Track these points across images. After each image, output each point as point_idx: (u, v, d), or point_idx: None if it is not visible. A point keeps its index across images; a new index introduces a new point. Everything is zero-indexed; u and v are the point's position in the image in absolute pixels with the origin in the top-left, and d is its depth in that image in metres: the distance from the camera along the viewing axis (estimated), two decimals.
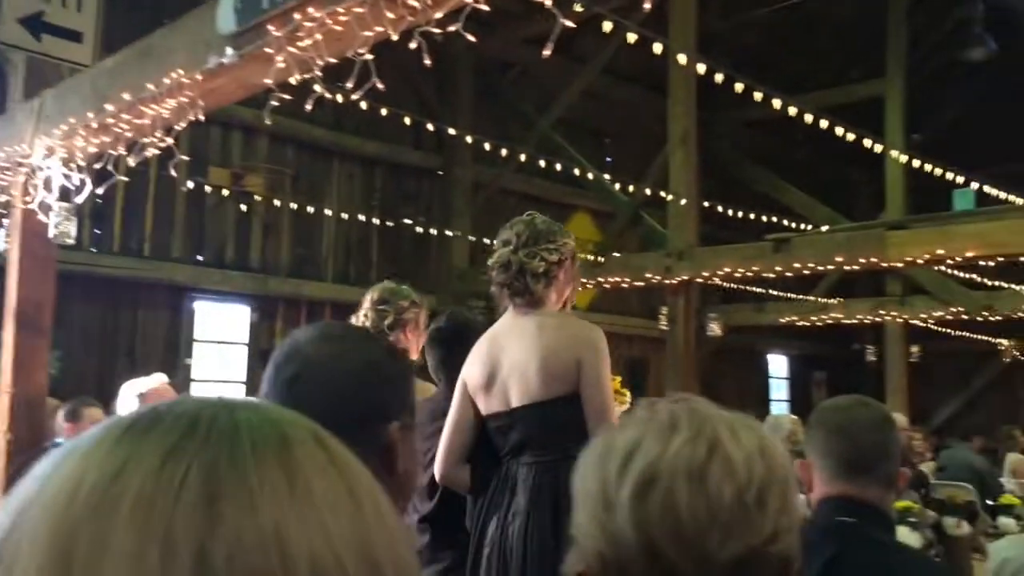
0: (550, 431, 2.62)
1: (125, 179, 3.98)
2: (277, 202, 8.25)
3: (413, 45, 2.78)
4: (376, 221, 8.88)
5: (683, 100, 7.89)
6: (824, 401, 2.13)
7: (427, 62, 2.66)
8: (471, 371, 2.84)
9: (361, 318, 3.39)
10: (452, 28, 2.80)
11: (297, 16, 3.03)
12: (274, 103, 3.53)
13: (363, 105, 4.88)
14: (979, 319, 10.18)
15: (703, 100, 9.17)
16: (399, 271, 9.61)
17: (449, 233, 9.44)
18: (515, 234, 2.93)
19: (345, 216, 8.85)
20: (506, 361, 2.75)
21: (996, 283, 9.99)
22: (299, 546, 0.39)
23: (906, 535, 6.69)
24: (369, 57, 2.97)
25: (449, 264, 9.72)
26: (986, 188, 7.88)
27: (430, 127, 6.88)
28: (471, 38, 2.63)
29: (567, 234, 2.94)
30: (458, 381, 2.88)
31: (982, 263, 7.63)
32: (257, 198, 8.42)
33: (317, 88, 3.89)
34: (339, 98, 4.36)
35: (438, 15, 2.76)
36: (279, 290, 8.68)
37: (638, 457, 0.88)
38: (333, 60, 3.22)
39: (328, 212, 8.57)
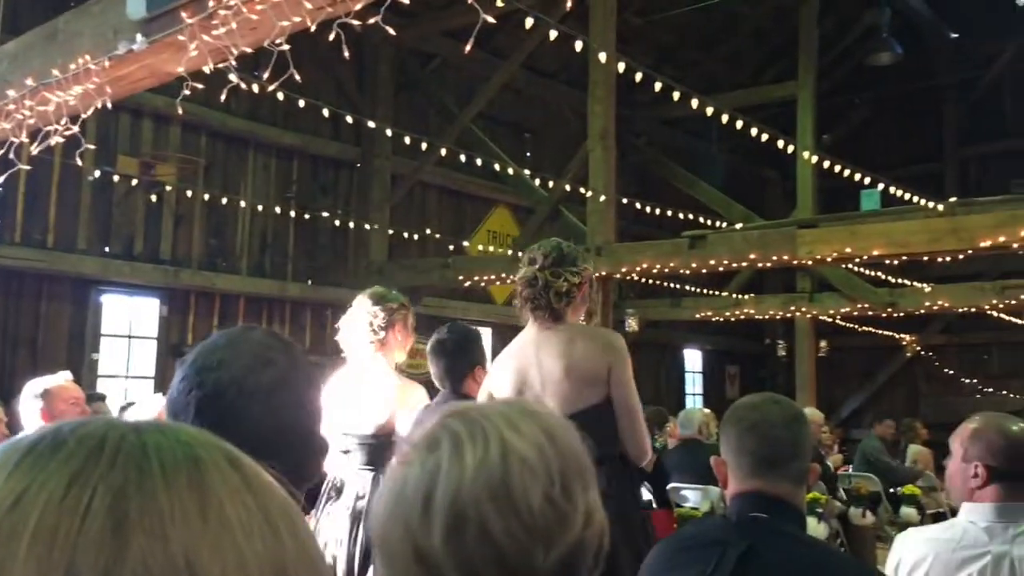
0: (594, 431, 2.62)
1: (27, 167, 3.81)
2: (189, 192, 8.03)
3: (332, 36, 2.73)
4: (292, 213, 8.72)
5: (603, 97, 7.96)
6: (737, 399, 2.17)
7: (346, 54, 2.61)
8: (500, 381, 3.05)
9: (352, 318, 3.57)
10: (372, 20, 2.77)
11: (212, 3, 2.94)
12: (187, 92, 3.44)
13: (280, 96, 4.78)
14: (883, 315, 10.56)
15: (623, 97, 9.27)
16: (316, 264, 9.49)
17: (367, 226, 9.33)
18: (542, 255, 3.11)
19: (260, 208, 8.67)
20: (539, 372, 2.95)
21: (899, 280, 10.38)
22: (211, 573, 0.38)
23: (813, 526, 6.91)
24: (286, 47, 2.91)
25: (367, 258, 9.62)
26: (891, 189, 8.16)
27: (349, 119, 6.77)
28: (390, 30, 2.60)
29: (588, 259, 3.25)
30: (482, 391, 3.10)
31: (886, 261, 7.90)
32: (168, 188, 8.19)
33: (232, 78, 3.79)
34: (255, 88, 4.27)
35: (357, 6, 2.71)
36: (191, 283, 8.46)
37: (437, 495, 0.82)
38: (249, 50, 3.14)
39: (243, 203, 8.38)
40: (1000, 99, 14.21)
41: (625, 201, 9.35)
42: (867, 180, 7.97)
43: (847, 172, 8.77)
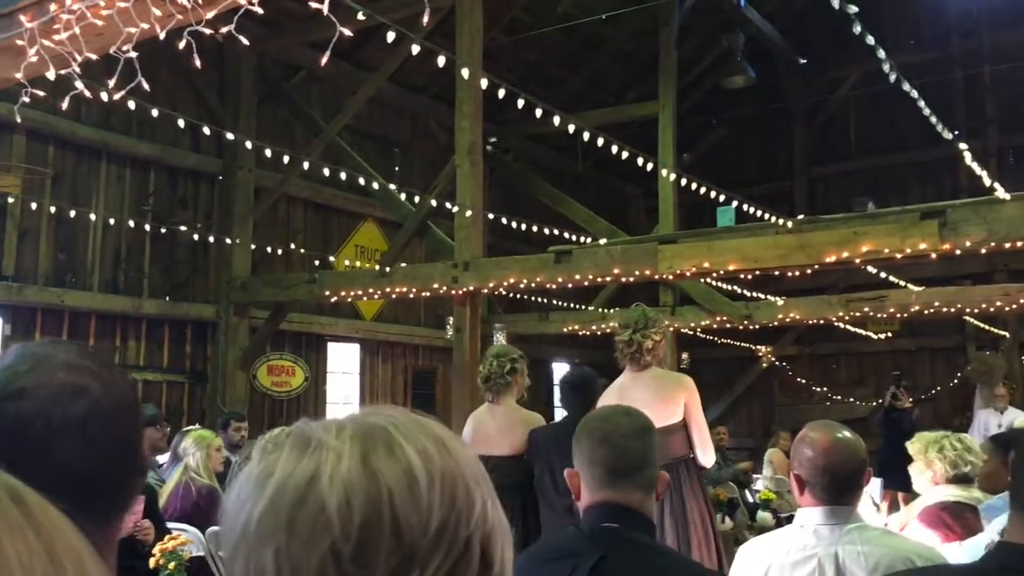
0: (665, 446, 3.75)
1: None
2: (34, 205, 7.59)
3: (183, 45, 2.64)
4: (148, 227, 8.37)
5: (470, 113, 8.00)
6: (588, 412, 2.21)
7: (198, 63, 2.52)
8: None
9: (484, 368, 4.81)
10: (225, 29, 2.69)
11: (53, 7, 2.80)
12: (26, 99, 3.25)
13: (131, 104, 4.59)
14: (740, 327, 11.00)
15: (491, 113, 9.35)
16: (174, 280, 9.14)
17: (229, 240, 9.06)
18: (634, 320, 4.59)
19: (113, 221, 8.29)
20: (633, 402, 3.66)
21: (754, 294, 10.85)
22: None
23: None
24: (134, 55, 2.79)
25: (230, 273, 9.33)
26: (745, 206, 8.52)
27: (207, 130, 6.56)
28: (244, 40, 2.53)
29: (663, 321, 4.69)
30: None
31: (741, 276, 8.23)
32: (11, 200, 7.73)
33: (79, 85, 3.62)
34: (104, 96, 4.09)
35: (209, 15, 2.63)
36: (37, 299, 8.00)
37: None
38: (94, 56, 3.01)
39: (93, 216, 7.99)
40: (845, 122, 15.09)
41: (492, 216, 9.42)
42: (723, 198, 8.30)
43: (705, 190, 9.13)
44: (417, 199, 8.94)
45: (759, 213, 9.26)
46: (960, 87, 13.89)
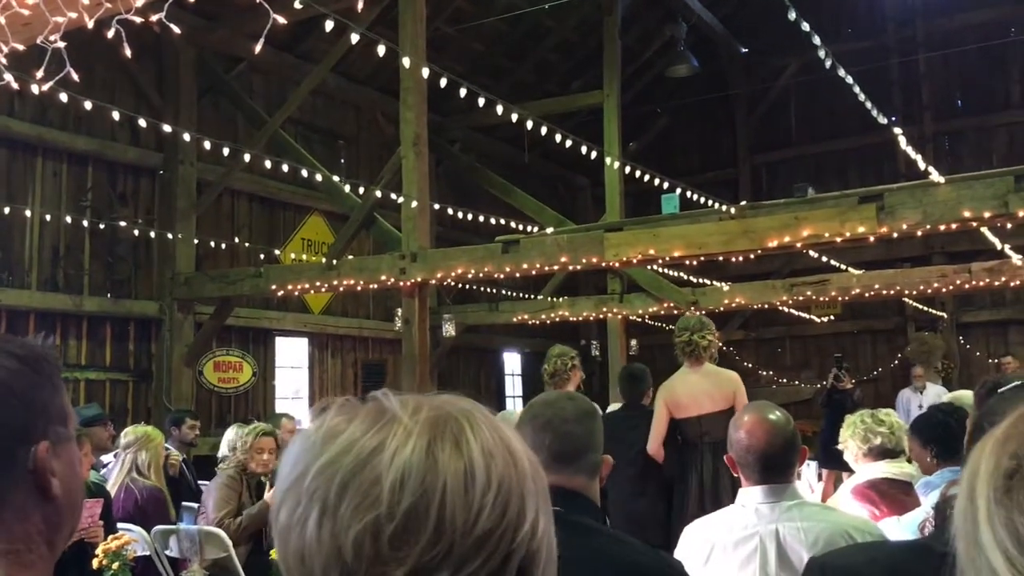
0: (720, 427, 4.57)
1: None
2: None
3: (112, 33, 2.58)
4: (86, 223, 8.19)
5: (415, 104, 7.96)
6: (533, 398, 2.22)
7: (128, 52, 2.47)
8: (670, 396, 5.36)
9: (549, 366, 5.83)
10: (156, 17, 2.63)
11: None
12: None
13: (64, 97, 4.49)
14: (687, 313, 11.11)
15: (436, 104, 9.33)
16: (116, 277, 8.96)
17: (171, 236, 8.91)
18: (692, 324, 5.47)
19: (49, 217, 8.10)
20: (692, 391, 5.29)
21: (701, 280, 10.98)
22: None
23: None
24: (62, 45, 2.73)
25: (173, 269, 9.18)
26: (690, 194, 8.61)
27: (143, 122, 6.44)
28: (176, 29, 2.48)
29: (713, 324, 5.60)
30: (658, 401, 5.41)
31: (687, 262, 8.33)
32: None
33: (7, 77, 3.52)
34: (35, 89, 3.98)
35: (139, 3, 2.58)
36: None
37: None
38: (21, 47, 2.93)
39: (28, 213, 7.80)
40: (787, 110, 15.32)
41: (440, 207, 9.40)
42: (667, 185, 8.38)
43: (650, 178, 9.21)
44: (363, 191, 8.87)
45: (704, 200, 9.38)
46: (896, 74, 14.19)
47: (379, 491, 0.67)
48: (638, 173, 9.34)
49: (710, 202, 9.06)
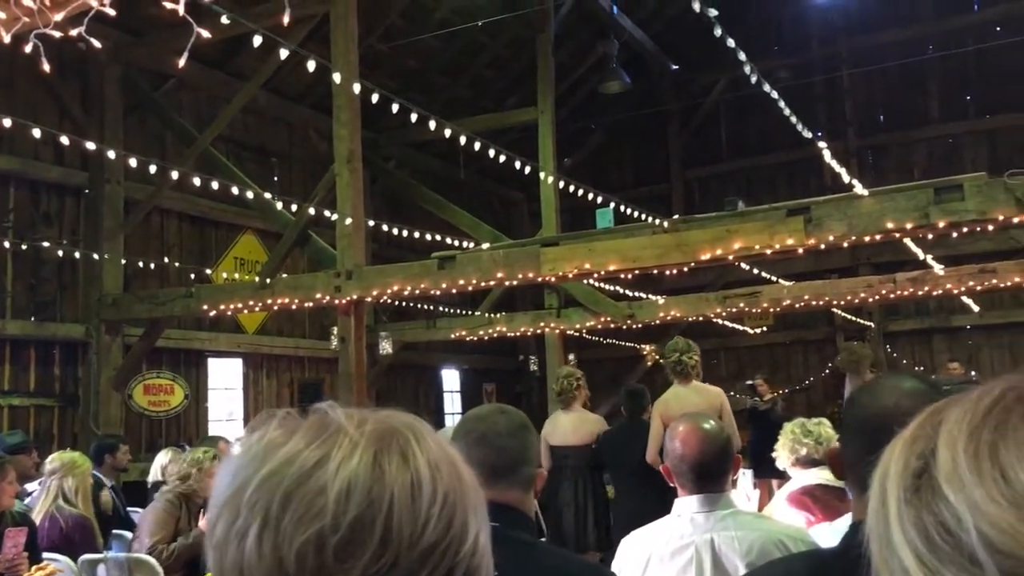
0: None
1: None
2: None
3: (29, 48, 2.51)
4: (7, 244, 7.94)
5: (348, 121, 7.91)
6: (466, 413, 2.21)
7: (47, 67, 2.40)
8: (665, 409, 5.82)
9: (558, 385, 6.76)
10: (76, 31, 2.57)
11: None
12: None
13: None
14: (624, 327, 11.23)
15: (371, 121, 9.27)
16: (40, 299, 8.69)
17: (98, 256, 8.69)
18: (680, 347, 6.10)
19: None
20: (683, 405, 5.52)
21: (636, 294, 11.10)
22: None
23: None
24: None
25: (100, 290, 8.94)
26: (624, 208, 8.70)
27: (67, 140, 6.27)
28: (97, 44, 2.42)
29: (698, 347, 6.19)
30: (654, 415, 5.99)
31: (622, 276, 8.40)
32: None
33: None
34: None
35: (57, 17, 2.51)
36: None
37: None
38: None
39: None
40: (717, 125, 15.63)
41: (375, 225, 9.34)
42: (600, 200, 8.46)
43: (585, 193, 9.29)
44: (297, 209, 8.77)
45: (638, 215, 9.49)
46: (821, 90, 14.59)
47: (324, 502, 0.66)
48: (573, 188, 9.42)
49: (644, 216, 9.17)
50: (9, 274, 8.51)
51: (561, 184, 10.09)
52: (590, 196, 8.53)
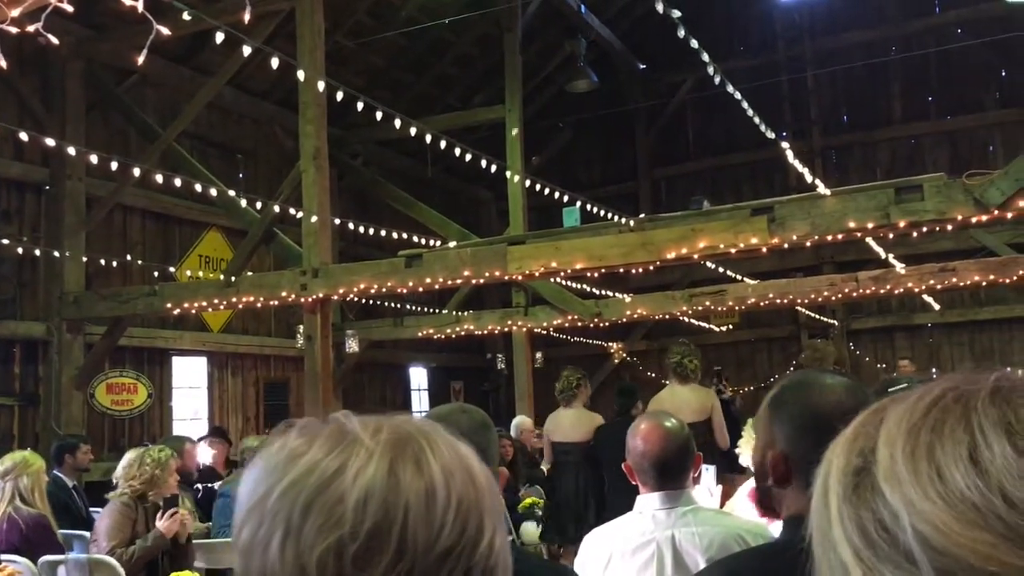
0: (700, 435, 5.57)
1: None
2: None
3: None
4: None
5: (314, 118, 7.86)
6: (429, 412, 2.22)
7: (2, 63, 2.36)
8: (659, 407, 5.94)
9: (560, 384, 7.07)
10: (34, 27, 2.53)
11: None
12: None
13: None
14: (591, 325, 11.28)
15: (337, 118, 9.23)
16: (0, 297, 8.56)
17: (58, 254, 8.56)
18: (681, 350, 6.77)
19: None
20: (677, 404, 6.10)
21: (604, 292, 11.14)
22: None
23: (532, 529, 7.19)
24: None
25: (61, 288, 8.81)
26: (589, 207, 8.73)
27: (26, 136, 6.17)
28: (54, 40, 2.39)
29: (699, 352, 6.91)
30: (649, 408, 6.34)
31: (589, 274, 8.44)
32: None
33: None
34: None
35: (14, 13, 2.47)
36: None
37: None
38: None
39: None
40: (684, 125, 15.73)
41: (341, 223, 9.29)
42: (567, 199, 8.48)
43: (552, 191, 9.32)
44: (262, 206, 8.70)
45: (605, 213, 9.53)
46: (786, 90, 14.73)
47: (343, 511, 0.68)
48: (540, 187, 9.44)
49: (611, 215, 9.21)
50: None
51: (528, 183, 10.11)
52: (557, 195, 8.55)
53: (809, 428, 1.53)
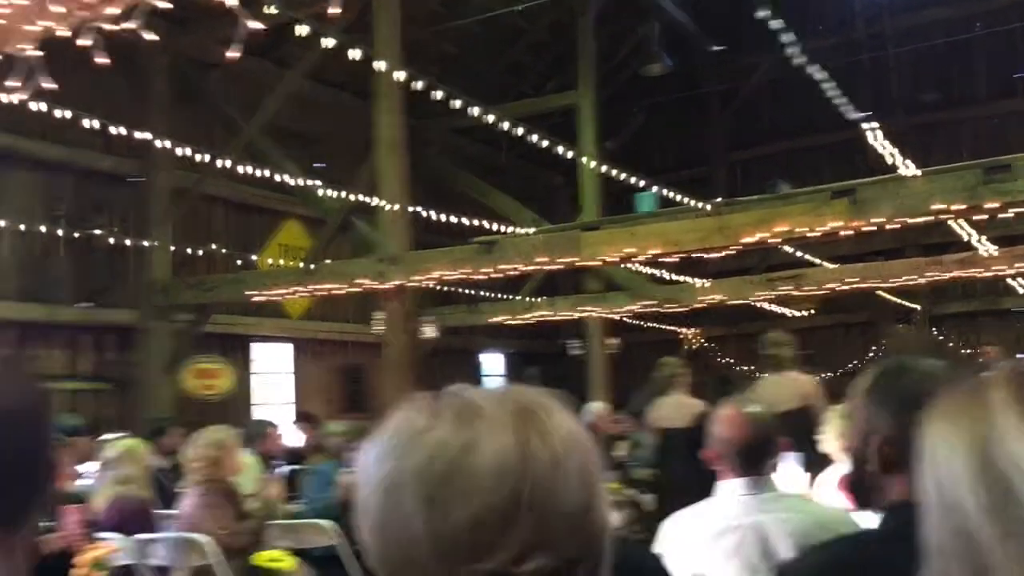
0: (796, 423, 5.40)
1: None
2: None
3: (91, 42, 2.59)
4: (61, 232, 8.12)
5: (390, 108, 7.97)
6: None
7: (105, 61, 2.47)
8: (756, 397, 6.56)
9: (662, 371, 7.23)
10: (131, 25, 2.64)
11: None
12: None
13: (36, 106, 4.46)
14: (667, 311, 11.20)
15: (411, 107, 9.31)
16: (93, 286, 8.90)
17: (148, 244, 8.86)
18: (774, 339, 6.64)
19: (23, 227, 8.03)
20: (775, 393, 5.82)
21: (679, 278, 11.05)
22: None
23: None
24: (39, 53, 2.73)
25: (150, 277, 9.12)
26: (665, 192, 8.66)
27: (114, 130, 6.38)
28: (153, 36, 2.50)
29: (792, 341, 6.69)
30: None
31: (665, 259, 8.38)
32: None
33: None
34: (3, 98, 3.97)
35: (113, 10, 2.58)
36: None
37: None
38: None
39: (2, 223, 7.72)
40: (760, 107, 15.44)
41: (415, 210, 9.39)
42: (643, 183, 8.42)
43: (626, 176, 9.26)
44: (339, 195, 8.85)
45: (680, 198, 9.44)
46: (867, 70, 14.33)
47: (478, 483, 0.72)
48: (614, 172, 9.39)
49: (686, 200, 9.12)
50: (64, 262, 8.72)
51: (603, 168, 10.06)
52: (632, 180, 8.49)
53: (915, 413, 1.51)
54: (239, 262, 9.58)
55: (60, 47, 2.85)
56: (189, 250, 9.14)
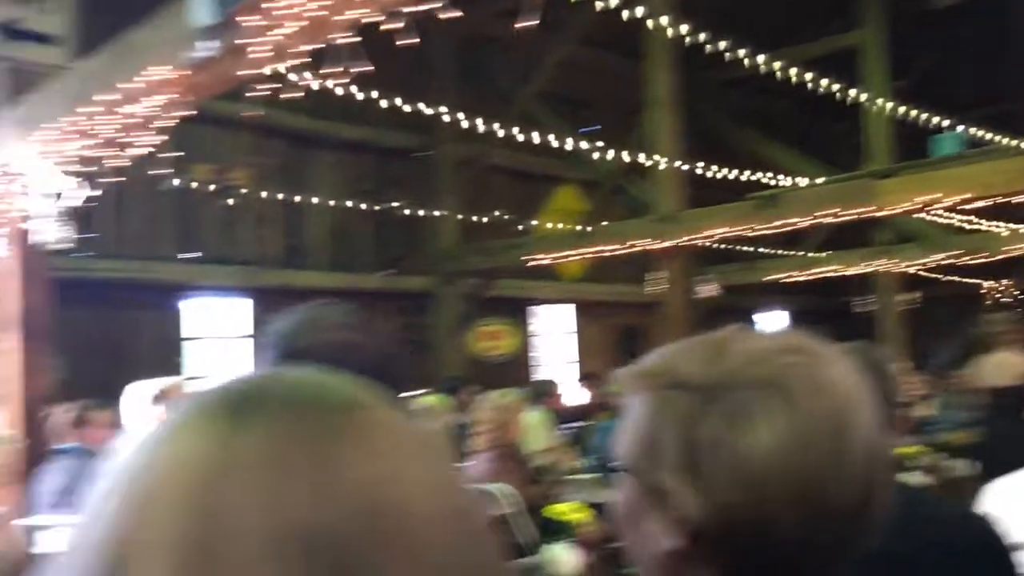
0: None
1: (120, 179, 3.96)
2: (264, 194, 8.20)
3: (391, 27, 2.76)
4: (363, 206, 8.85)
5: (662, 64, 7.86)
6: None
7: (409, 41, 2.65)
8: None
9: (986, 327, 6.32)
10: (427, 7, 2.79)
11: (276, 5, 3.00)
12: (256, 95, 3.52)
13: (338, 91, 4.84)
14: (971, 262, 10.23)
15: (679, 63, 9.13)
16: (392, 255, 9.62)
17: (436, 213, 9.42)
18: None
19: (332, 203, 8.82)
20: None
21: (982, 225, 10.02)
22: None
23: (906, 478, 6.80)
24: (350, 41, 2.96)
25: (439, 245, 9.71)
26: (971, 130, 7.88)
27: (408, 108, 6.81)
28: (457, 13, 2.64)
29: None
30: None
31: (970, 206, 7.65)
32: (243, 191, 8.38)
33: (293, 77, 3.87)
34: (314, 84, 4.34)
35: None
36: (273, 282, 8.66)
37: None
38: (310, 47, 3.21)
39: (315, 200, 8.53)
40: None
41: (686, 168, 9.24)
42: (945, 124, 7.71)
43: (924, 117, 8.51)
44: (611, 156, 8.89)
45: (983, 137, 8.55)
46: None
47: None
48: (906, 114, 8.66)
49: (993, 138, 8.24)
50: (366, 235, 9.50)
51: (899, 110, 9.32)
52: (931, 120, 7.79)
53: None
54: (519, 227, 9.94)
55: (361, 32, 3.09)
56: (474, 218, 9.60)
